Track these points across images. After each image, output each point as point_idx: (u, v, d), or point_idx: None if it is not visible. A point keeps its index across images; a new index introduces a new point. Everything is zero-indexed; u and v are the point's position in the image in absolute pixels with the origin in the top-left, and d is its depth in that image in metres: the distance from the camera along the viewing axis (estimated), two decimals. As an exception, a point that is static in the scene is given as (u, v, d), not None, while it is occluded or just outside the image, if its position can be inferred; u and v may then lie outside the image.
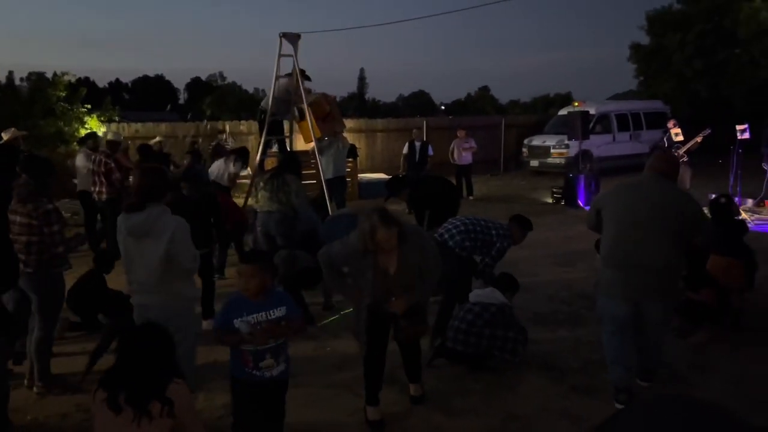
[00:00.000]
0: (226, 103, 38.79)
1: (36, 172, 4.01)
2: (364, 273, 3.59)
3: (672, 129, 10.44)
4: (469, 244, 4.90)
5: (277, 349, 3.09)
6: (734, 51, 20.59)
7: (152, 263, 3.38)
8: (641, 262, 3.65)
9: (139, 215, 3.38)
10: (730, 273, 5.13)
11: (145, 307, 3.45)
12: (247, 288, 3.00)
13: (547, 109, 29.06)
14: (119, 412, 2.23)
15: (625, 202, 3.80)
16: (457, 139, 13.30)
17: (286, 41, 8.33)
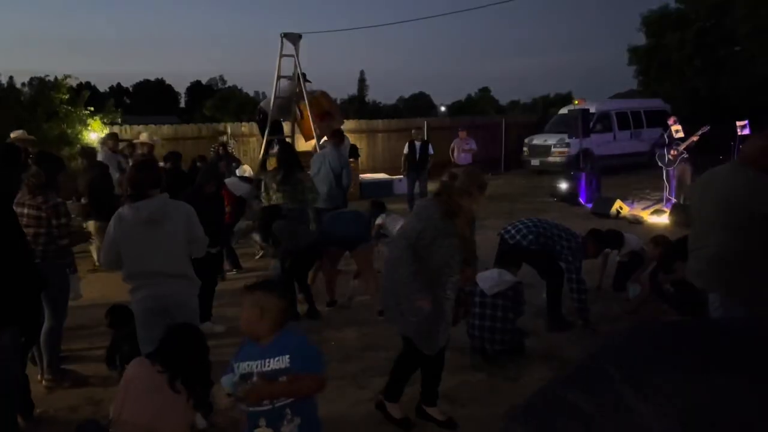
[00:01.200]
0: (227, 106, 38.87)
1: (48, 165, 4.12)
2: (446, 239, 3.36)
3: (672, 126, 10.46)
4: (538, 242, 5.13)
5: (278, 413, 2.37)
6: (733, 48, 20.65)
7: (173, 249, 3.43)
8: (699, 254, 3.71)
9: (151, 202, 3.41)
10: None
11: (161, 297, 3.38)
12: (245, 323, 2.43)
13: (548, 109, 29.11)
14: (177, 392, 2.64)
15: (699, 195, 3.81)
16: (458, 140, 13.35)
17: (287, 41, 8.41)
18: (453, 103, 56.88)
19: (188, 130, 14.99)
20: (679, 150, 10.14)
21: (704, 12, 21.18)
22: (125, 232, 3.42)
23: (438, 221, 3.37)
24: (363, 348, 4.97)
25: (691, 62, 21.09)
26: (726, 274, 3.62)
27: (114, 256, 3.45)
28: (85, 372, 4.47)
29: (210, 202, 5.18)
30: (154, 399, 2.62)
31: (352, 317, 5.74)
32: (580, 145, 12.53)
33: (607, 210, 10.20)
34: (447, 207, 3.39)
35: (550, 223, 5.38)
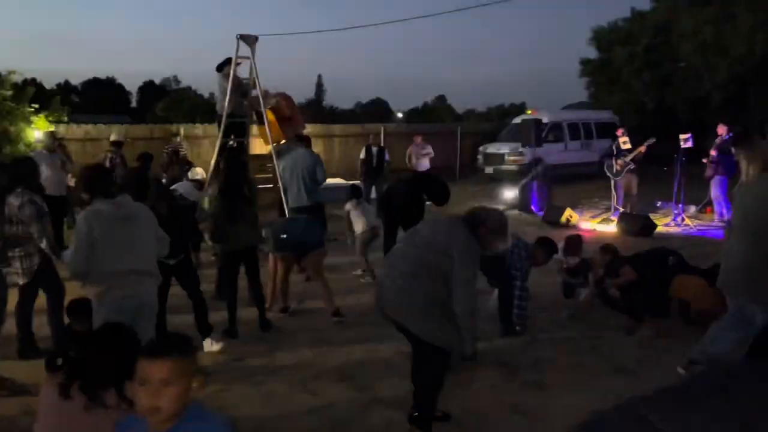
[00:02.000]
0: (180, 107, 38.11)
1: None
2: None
3: (621, 137, 10.80)
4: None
5: None
6: (678, 65, 21.52)
7: (146, 246, 3.48)
8: (727, 261, 3.89)
9: (125, 198, 3.51)
10: (701, 294, 5.14)
11: (137, 296, 3.40)
12: (144, 403, 1.70)
13: (503, 118, 29.65)
14: (69, 398, 2.16)
15: (736, 205, 4.03)
16: (414, 145, 13.46)
17: (243, 43, 8.31)
18: (410, 109, 57.35)
19: (139, 130, 14.59)
20: (626, 161, 10.47)
21: (651, 29, 22.02)
22: (105, 228, 3.32)
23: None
24: (315, 354, 4.93)
25: (639, 77, 21.86)
26: (751, 281, 3.79)
27: (88, 255, 3.30)
28: (25, 380, 4.28)
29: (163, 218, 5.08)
30: (54, 417, 2.23)
31: (305, 323, 5.69)
32: (532, 154, 12.78)
33: (558, 218, 10.44)
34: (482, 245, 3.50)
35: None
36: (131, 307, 3.34)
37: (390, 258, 3.67)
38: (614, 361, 4.64)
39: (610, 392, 4.10)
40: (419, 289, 3.31)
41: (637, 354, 4.79)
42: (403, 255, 3.51)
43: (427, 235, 3.49)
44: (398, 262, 3.48)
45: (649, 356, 4.73)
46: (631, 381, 4.32)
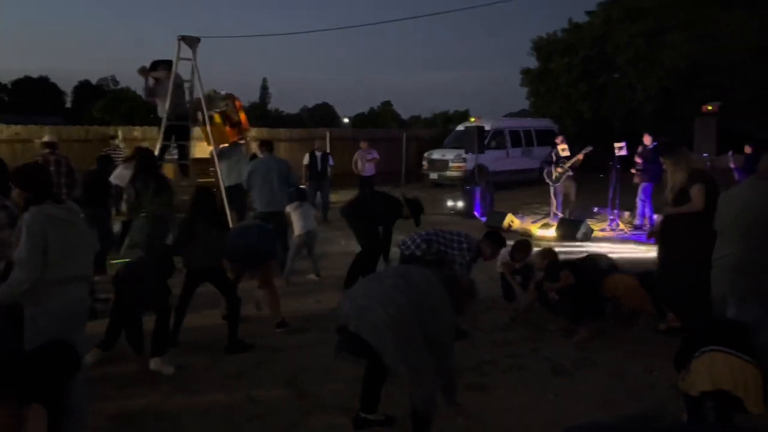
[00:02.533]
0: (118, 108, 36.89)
1: None
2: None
3: (559, 145, 11.15)
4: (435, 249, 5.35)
5: None
6: (613, 75, 22.44)
7: (88, 251, 3.43)
8: (720, 262, 4.03)
9: (69, 202, 3.43)
10: (632, 291, 5.37)
11: (81, 301, 3.34)
12: None
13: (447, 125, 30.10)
14: None
15: (723, 209, 4.10)
16: (360, 150, 13.50)
17: (184, 44, 8.13)
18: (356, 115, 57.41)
19: (74, 131, 14.01)
20: (564, 168, 10.82)
21: (588, 41, 22.89)
22: (57, 232, 3.18)
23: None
24: (259, 362, 4.85)
25: (576, 86, 22.67)
26: (743, 281, 3.94)
27: (40, 262, 3.11)
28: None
29: None
30: None
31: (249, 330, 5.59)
32: (475, 161, 13.03)
33: (500, 223, 10.67)
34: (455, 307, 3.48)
35: (446, 231, 5.64)
36: (78, 312, 3.32)
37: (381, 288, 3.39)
38: (553, 363, 4.77)
39: (549, 393, 4.22)
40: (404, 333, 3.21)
41: (575, 355, 4.94)
42: (397, 291, 3.31)
43: (419, 287, 3.37)
44: (392, 296, 3.28)
45: (586, 357, 4.89)
46: (569, 382, 4.45)
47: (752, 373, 3.18)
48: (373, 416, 3.71)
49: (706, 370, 3.26)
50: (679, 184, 5.10)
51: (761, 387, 3.18)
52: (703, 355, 3.32)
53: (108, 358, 4.70)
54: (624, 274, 5.58)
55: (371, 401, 3.73)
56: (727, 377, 3.18)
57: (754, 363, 3.21)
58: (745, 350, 3.27)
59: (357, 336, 3.26)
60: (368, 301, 3.29)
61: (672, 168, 5.22)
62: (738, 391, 3.15)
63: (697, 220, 5.06)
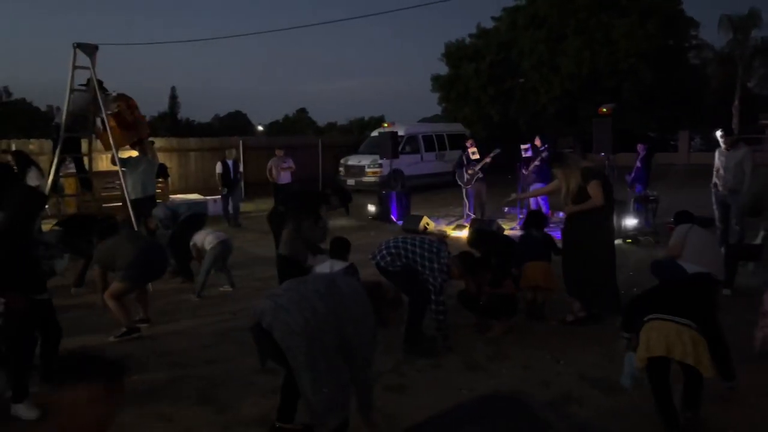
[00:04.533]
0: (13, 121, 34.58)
1: None
2: None
3: (470, 148, 11.50)
4: (400, 263, 5.09)
5: None
6: (519, 80, 23.44)
7: None
8: None
9: None
10: (548, 275, 5.81)
11: None
12: None
13: (363, 131, 30.33)
14: None
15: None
16: (275, 158, 13.34)
17: (81, 52, 7.73)
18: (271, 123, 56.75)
19: (-40, 147, 12.99)
20: (475, 170, 11.17)
21: (494, 47, 23.80)
22: None
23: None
24: (171, 379, 4.68)
25: (485, 91, 23.50)
26: None
27: None
28: None
29: None
30: None
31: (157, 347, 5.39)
32: (390, 166, 13.20)
33: (416, 226, 10.85)
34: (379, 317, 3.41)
35: (416, 242, 5.20)
36: None
37: (302, 291, 3.30)
38: (468, 359, 4.91)
39: (464, 388, 4.33)
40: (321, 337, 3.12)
41: (488, 351, 5.10)
42: (317, 297, 3.22)
43: (343, 295, 3.30)
44: (312, 301, 3.19)
45: (498, 352, 5.06)
46: (482, 376, 4.59)
47: (690, 336, 3.33)
48: (289, 426, 3.67)
49: (644, 340, 3.44)
50: (574, 186, 5.46)
51: (703, 349, 3.32)
52: (644, 325, 3.50)
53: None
54: (537, 262, 5.85)
55: (288, 410, 3.69)
56: (661, 343, 3.34)
57: (693, 326, 3.37)
58: (688, 314, 3.41)
59: (269, 334, 3.17)
60: (286, 301, 3.21)
61: (564, 175, 5.59)
62: (674, 356, 3.33)
63: (598, 212, 5.44)
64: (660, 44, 21.27)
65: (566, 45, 21.41)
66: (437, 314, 5.05)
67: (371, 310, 3.32)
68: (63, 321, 4.85)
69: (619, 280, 5.85)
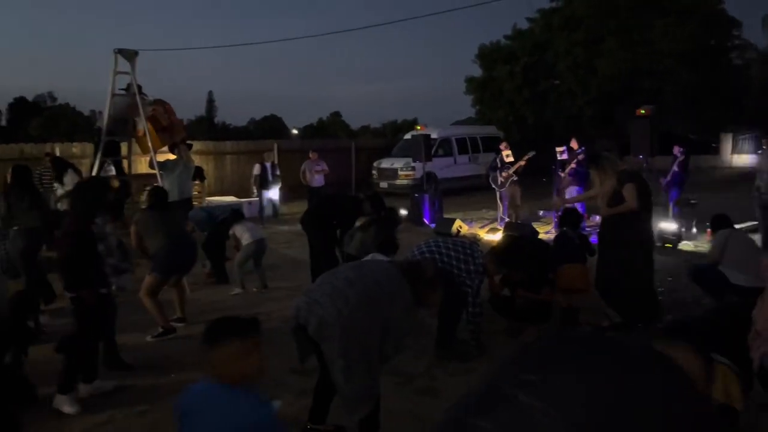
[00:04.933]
0: (57, 126, 35.70)
1: None
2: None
3: (504, 151, 11.41)
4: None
5: None
6: (554, 82, 23.15)
7: None
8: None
9: None
10: (584, 278, 5.64)
11: None
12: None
13: (396, 134, 30.37)
14: None
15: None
16: (309, 161, 13.47)
17: (122, 58, 7.96)
18: (305, 126, 57.29)
19: (7, 150, 13.48)
20: (509, 173, 11.06)
21: (529, 48, 23.56)
22: None
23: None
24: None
25: (519, 93, 23.27)
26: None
27: None
28: None
29: None
30: None
31: (193, 346, 5.47)
32: (423, 169, 13.18)
33: (449, 229, 10.80)
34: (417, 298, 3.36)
35: (449, 245, 5.08)
36: None
37: (333, 282, 3.36)
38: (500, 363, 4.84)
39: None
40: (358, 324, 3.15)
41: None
42: (348, 285, 3.27)
43: (373, 277, 3.36)
44: (343, 290, 3.23)
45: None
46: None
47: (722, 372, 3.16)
48: (321, 427, 3.68)
49: None
50: (609, 188, 5.36)
51: (735, 384, 3.14)
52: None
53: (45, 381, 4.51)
54: (573, 264, 5.70)
55: (320, 412, 3.71)
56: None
57: (723, 363, 3.20)
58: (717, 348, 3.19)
59: (305, 330, 3.22)
60: (320, 295, 3.26)
61: (600, 177, 5.49)
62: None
63: (634, 216, 5.32)
64: (701, 44, 20.77)
65: (604, 46, 21.05)
66: (474, 317, 4.93)
67: (406, 286, 3.31)
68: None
69: (657, 286, 5.72)
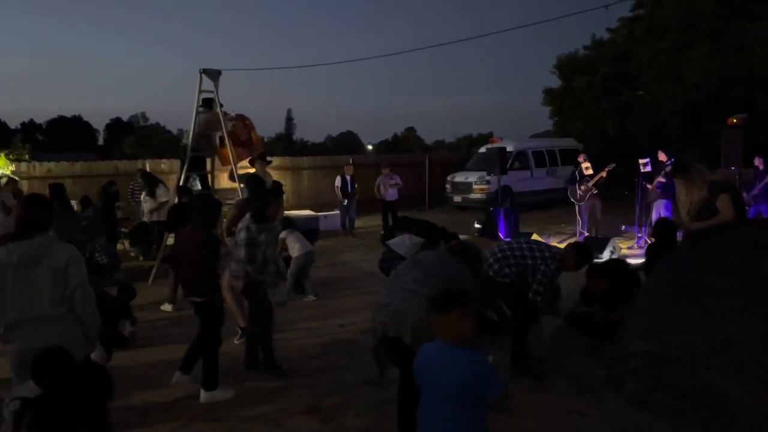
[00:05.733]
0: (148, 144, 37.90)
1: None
2: None
3: (582, 163, 11.05)
4: (509, 270, 4.81)
5: None
6: (636, 93, 22.25)
7: (52, 291, 3.19)
8: None
9: (29, 243, 3.17)
10: None
11: (38, 345, 3.08)
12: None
13: (470, 148, 30.13)
14: None
15: None
16: (383, 176, 13.59)
17: (206, 77, 8.35)
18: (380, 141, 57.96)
19: (104, 167, 14.42)
20: (588, 186, 10.69)
21: (610, 58, 22.81)
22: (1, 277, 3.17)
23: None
24: (281, 386, 4.84)
25: (599, 104, 22.52)
26: None
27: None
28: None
29: None
30: None
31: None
32: (498, 182, 12.98)
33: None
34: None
35: (522, 244, 4.98)
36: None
37: (403, 287, 3.49)
38: (579, 382, 4.66)
39: (574, 412, 4.12)
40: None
41: (602, 374, 4.82)
42: (420, 284, 3.42)
43: (437, 268, 3.60)
44: (419, 290, 3.36)
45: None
46: (594, 401, 4.33)
47: None
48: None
49: None
50: (698, 200, 5.04)
51: None
52: None
53: (132, 385, 4.74)
54: None
55: (408, 425, 3.69)
56: None
57: None
58: None
59: (398, 341, 3.28)
60: (400, 303, 3.35)
61: (687, 187, 5.18)
62: None
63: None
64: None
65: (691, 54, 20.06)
66: (535, 294, 4.70)
67: (462, 264, 3.65)
68: (161, 331, 5.19)
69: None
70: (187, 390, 4.70)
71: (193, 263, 4.63)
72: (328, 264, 9.67)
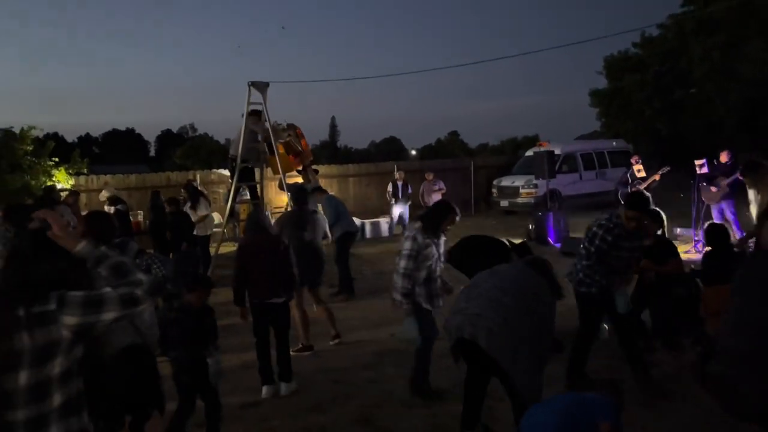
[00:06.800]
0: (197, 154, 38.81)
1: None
2: None
3: (635, 165, 10.75)
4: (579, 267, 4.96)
5: None
6: (689, 90, 21.54)
7: None
8: None
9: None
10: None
11: None
12: None
13: (516, 151, 29.73)
14: None
15: None
16: (426, 182, 13.55)
17: (254, 89, 8.50)
18: (423, 146, 57.79)
19: (156, 178, 14.88)
20: (641, 188, 10.38)
21: (660, 55, 22.16)
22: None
23: None
24: (333, 396, 4.85)
25: (650, 103, 21.89)
26: None
27: None
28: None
29: None
30: None
31: (322, 364, 5.63)
32: (547, 186, 12.75)
33: (576, 249, 10.31)
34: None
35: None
36: None
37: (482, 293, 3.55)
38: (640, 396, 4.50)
39: (636, 426, 3.98)
40: (518, 326, 3.37)
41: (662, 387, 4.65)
42: (499, 291, 3.51)
43: (515, 279, 3.63)
44: (498, 298, 3.47)
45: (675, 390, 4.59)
46: (654, 415, 4.18)
47: None
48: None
49: None
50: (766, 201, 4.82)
51: None
52: None
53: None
54: (722, 285, 5.16)
55: (472, 418, 3.77)
56: None
57: None
58: None
59: (472, 344, 3.37)
60: (478, 309, 3.44)
61: (758, 188, 4.95)
62: None
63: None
64: None
65: (746, 49, 19.31)
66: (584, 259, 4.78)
67: (541, 277, 3.59)
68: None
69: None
70: (241, 398, 4.77)
71: (275, 261, 4.91)
72: (375, 272, 9.66)
